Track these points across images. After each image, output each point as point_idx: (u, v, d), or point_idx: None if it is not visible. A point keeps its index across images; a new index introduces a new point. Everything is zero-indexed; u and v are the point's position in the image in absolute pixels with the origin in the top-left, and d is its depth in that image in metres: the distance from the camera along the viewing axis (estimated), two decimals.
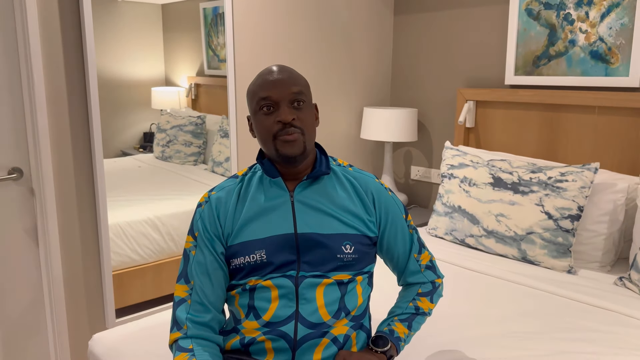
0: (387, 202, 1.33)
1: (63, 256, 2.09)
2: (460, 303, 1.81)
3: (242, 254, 1.23)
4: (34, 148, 1.98)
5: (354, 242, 1.25)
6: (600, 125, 2.34)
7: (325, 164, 1.31)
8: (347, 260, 1.24)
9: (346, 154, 3.09)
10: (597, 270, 2.10)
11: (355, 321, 1.26)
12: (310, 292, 1.21)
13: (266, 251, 1.22)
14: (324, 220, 1.25)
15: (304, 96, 1.24)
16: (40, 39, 1.93)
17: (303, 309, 1.20)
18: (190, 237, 1.28)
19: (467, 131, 2.80)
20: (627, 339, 1.57)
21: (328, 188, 1.29)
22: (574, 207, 2.05)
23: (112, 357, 1.50)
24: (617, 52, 2.27)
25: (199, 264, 1.25)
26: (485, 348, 1.51)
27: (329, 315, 1.21)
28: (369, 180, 1.34)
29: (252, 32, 2.56)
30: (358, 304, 1.26)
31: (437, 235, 2.45)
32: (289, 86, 1.21)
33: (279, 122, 1.20)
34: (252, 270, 1.22)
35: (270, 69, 1.25)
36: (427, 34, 3.01)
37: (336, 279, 1.23)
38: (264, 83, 1.22)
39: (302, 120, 1.22)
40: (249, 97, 1.26)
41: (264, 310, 1.20)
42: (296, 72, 1.27)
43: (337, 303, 1.22)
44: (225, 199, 1.28)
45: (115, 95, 2.18)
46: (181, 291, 1.25)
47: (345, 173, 1.34)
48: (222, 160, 2.54)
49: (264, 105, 1.22)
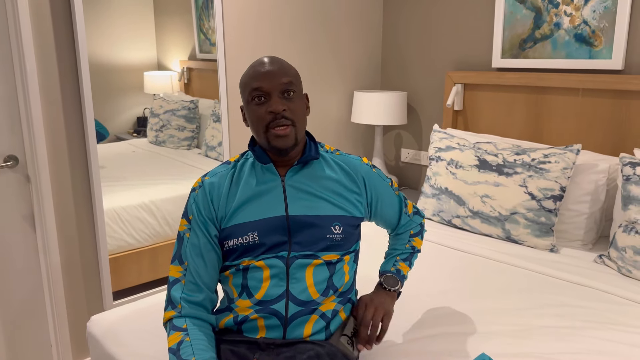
0: (374, 181, 1.43)
1: (60, 241, 2.14)
2: (446, 281, 1.87)
3: (235, 235, 1.28)
4: (29, 135, 2.01)
5: (343, 223, 1.32)
6: (584, 107, 2.40)
7: (315, 149, 1.37)
8: (336, 240, 1.31)
9: (337, 138, 3.14)
10: (578, 249, 2.17)
11: (342, 297, 1.34)
12: (300, 272, 1.27)
13: (258, 233, 1.27)
14: (314, 203, 1.31)
15: (295, 86, 1.28)
16: (31, 25, 1.94)
17: (293, 288, 1.26)
18: (184, 221, 1.33)
19: (456, 114, 2.84)
20: (604, 314, 1.63)
21: (317, 172, 1.35)
22: (557, 188, 2.11)
23: (110, 337, 1.55)
24: (600, 35, 2.31)
25: (193, 245, 1.30)
26: (468, 324, 1.58)
27: (318, 293, 1.28)
28: (357, 163, 1.42)
29: (241, 16, 2.58)
30: (345, 281, 1.34)
31: (425, 217, 2.51)
32: (279, 77, 1.26)
33: (270, 113, 1.25)
34: (245, 251, 1.28)
35: (261, 60, 1.29)
36: (416, 17, 3.03)
37: (325, 259, 1.30)
38: (256, 74, 1.27)
39: (292, 110, 1.27)
40: (242, 87, 1.31)
41: (256, 289, 1.26)
42: (287, 63, 1.31)
43: (325, 282, 1.29)
44: (219, 184, 1.32)
45: (108, 80, 2.20)
46: (175, 272, 1.30)
47: (333, 158, 1.40)
48: (215, 144, 2.57)
49: (255, 95, 1.26)
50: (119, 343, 1.52)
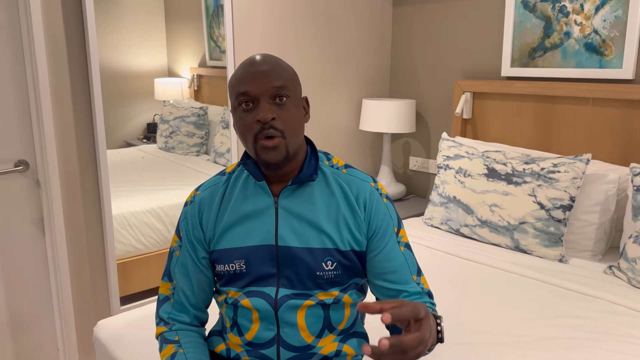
0: (378, 210, 1.18)
1: (69, 246, 2.16)
2: (454, 290, 1.86)
3: (223, 261, 1.18)
4: (39, 140, 2.03)
5: (336, 258, 1.15)
6: (594, 117, 2.38)
7: (314, 166, 1.19)
8: (327, 278, 1.15)
9: (345, 146, 3.14)
10: (588, 259, 2.15)
11: (343, 334, 1.20)
12: (290, 315, 1.14)
13: (246, 262, 1.16)
14: (307, 232, 1.15)
15: (288, 90, 1.11)
16: (43, 31, 1.97)
17: (284, 333, 1.15)
18: (176, 237, 1.25)
19: (464, 122, 2.84)
20: (614, 326, 1.62)
21: (315, 194, 1.18)
22: (566, 198, 2.10)
23: (117, 342, 1.55)
24: (611, 44, 2.30)
25: (182, 265, 1.23)
26: (475, 334, 1.56)
27: (312, 336, 1.16)
28: (362, 186, 1.20)
29: (251, 24, 2.59)
30: (346, 317, 1.19)
31: (433, 225, 2.50)
32: (270, 80, 1.08)
33: (258, 122, 1.08)
34: (232, 278, 1.18)
35: (252, 60, 1.12)
36: (425, 25, 3.04)
37: (320, 298, 1.15)
38: (244, 75, 1.10)
39: (283, 119, 1.09)
40: (229, 90, 1.14)
41: (246, 329, 1.17)
42: (282, 62, 1.14)
43: (320, 322, 1.16)
44: (209, 202, 1.22)
45: (119, 87, 2.22)
46: (165, 289, 1.25)
47: (337, 176, 1.20)
48: (224, 151, 2.58)
49: (242, 100, 1.10)
50: (125, 348, 1.52)
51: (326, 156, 1.24)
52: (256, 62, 1.11)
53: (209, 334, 1.30)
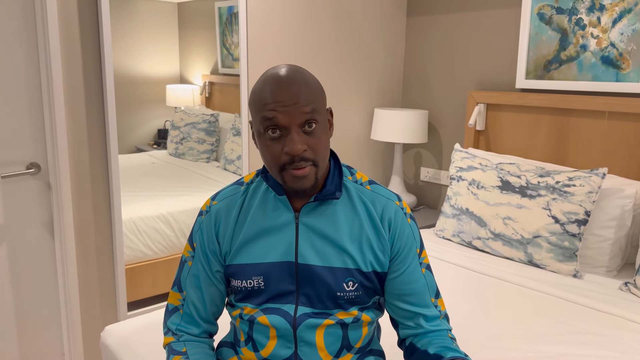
0: (402, 231, 1.15)
1: (78, 249, 2.15)
2: (466, 304, 1.83)
3: (240, 277, 1.14)
4: (52, 144, 2.03)
5: (357, 279, 1.12)
6: (610, 131, 2.35)
7: (338, 182, 1.14)
8: (347, 298, 1.12)
9: (356, 155, 3.12)
10: (603, 275, 2.11)
11: (360, 352, 1.17)
12: (309, 334, 1.11)
13: (264, 278, 1.12)
14: (328, 250, 1.12)
15: (317, 115, 1.04)
16: (59, 37, 1.98)
17: (302, 352, 1.12)
18: (188, 246, 1.21)
19: (477, 134, 2.81)
20: (629, 343, 1.58)
21: (338, 212, 1.13)
22: (581, 212, 2.07)
23: (124, 348, 1.54)
24: (628, 57, 2.27)
25: (194, 276, 1.19)
26: (488, 349, 1.53)
27: (330, 355, 1.13)
28: (387, 204, 1.15)
29: (265, 32, 2.59)
30: (363, 335, 1.16)
31: (445, 237, 2.47)
32: (300, 106, 1.01)
33: (287, 154, 1.03)
34: (249, 295, 1.14)
35: (277, 76, 1.04)
36: (439, 36, 3.03)
37: (339, 317, 1.12)
38: (270, 98, 1.02)
39: (314, 148, 1.04)
40: (252, 107, 1.08)
41: (262, 345, 1.14)
42: (309, 76, 1.06)
43: (338, 342, 1.13)
44: (226, 213, 1.17)
45: (131, 92, 2.22)
46: (174, 299, 1.22)
47: (360, 193, 1.16)
48: (234, 158, 2.57)
49: (269, 127, 1.03)
50: (133, 354, 1.50)
51: (349, 170, 1.20)
52: (283, 82, 1.02)
53: (219, 345, 1.27)
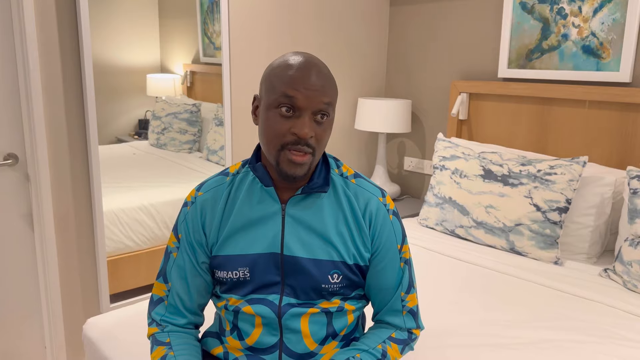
0: (383, 226, 1.17)
1: (58, 242, 2.12)
2: (448, 292, 1.85)
3: (225, 268, 1.14)
4: (30, 134, 1.99)
5: (342, 272, 1.14)
6: (591, 120, 2.38)
7: (325, 175, 1.16)
8: (332, 290, 1.14)
9: (340, 144, 3.12)
10: (583, 262, 2.14)
11: (345, 340, 1.19)
12: (294, 322, 1.13)
13: (250, 269, 1.13)
14: (314, 243, 1.13)
15: (331, 109, 1.08)
16: (35, 25, 1.93)
17: (287, 339, 1.13)
18: (173, 237, 1.20)
19: (460, 123, 2.82)
20: (609, 329, 1.61)
21: (324, 205, 1.14)
22: (562, 200, 2.09)
23: (106, 341, 1.52)
24: (608, 47, 2.30)
25: (179, 267, 1.19)
26: (469, 335, 1.55)
27: (316, 343, 1.14)
28: (369, 198, 1.17)
29: (247, 21, 2.57)
30: (348, 323, 1.18)
31: (428, 226, 2.48)
32: (321, 95, 1.04)
33: (294, 134, 1.04)
34: (234, 286, 1.15)
35: (308, 61, 1.06)
36: (422, 25, 3.02)
37: (323, 306, 1.14)
38: (295, 80, 1.04)
39: (318, 139, 1.07)
40: (268, 82, 1.08)
41: (247, 333, 1.15)
42: (330, 74, 1.09)
43: (324, 329, 1.15)
44: (213, 204, 1.17)
45: (111, 82, 2.19)
46: (159, 290, 1.21)
47: (345, 187, 1.17)
48: (216, 148, 2.55)
49: (284, 104, 1.04)
50: (115, 346, 1.49)
51: (336, 163, 1.21)
52: (313, 68, 1.05)
53: (204, 335, 1.27)
